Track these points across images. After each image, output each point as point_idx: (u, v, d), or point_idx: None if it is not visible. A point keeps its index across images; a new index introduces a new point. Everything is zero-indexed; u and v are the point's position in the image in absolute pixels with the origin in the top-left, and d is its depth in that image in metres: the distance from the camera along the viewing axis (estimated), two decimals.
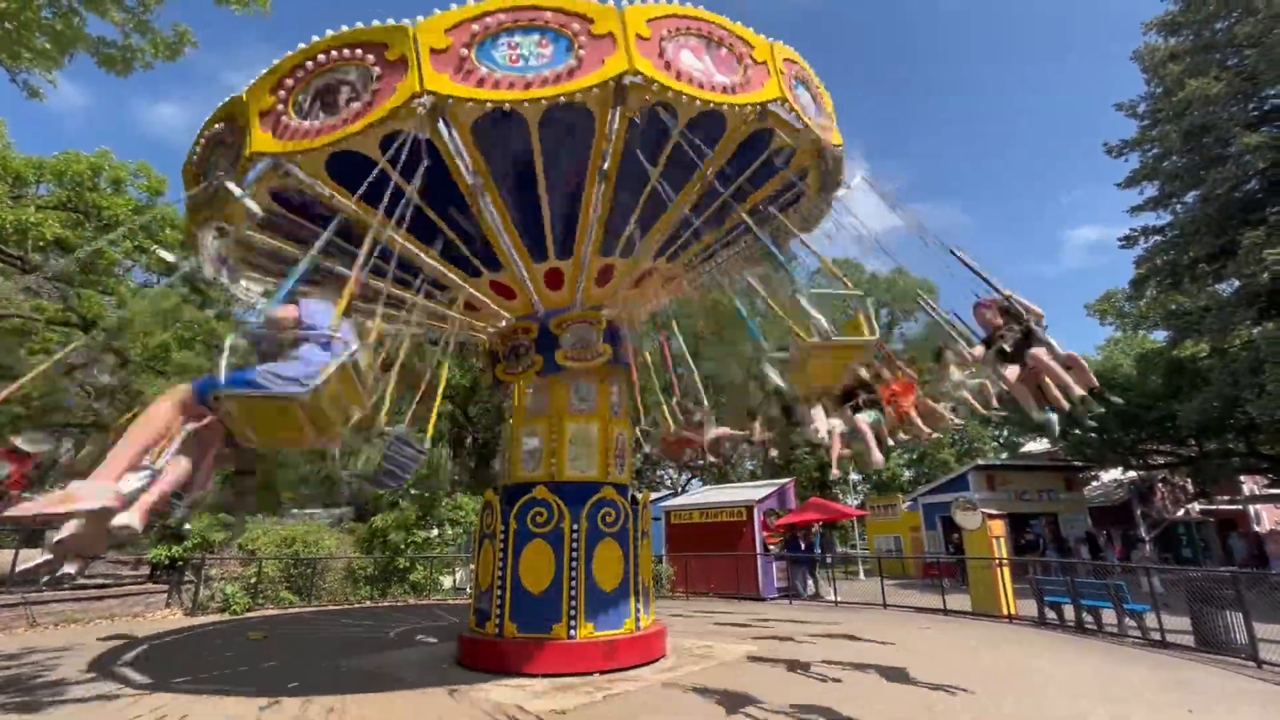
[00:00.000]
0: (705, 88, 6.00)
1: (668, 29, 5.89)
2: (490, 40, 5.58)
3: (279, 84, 5.79)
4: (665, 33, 5.86)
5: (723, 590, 16.16)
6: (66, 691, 6.75)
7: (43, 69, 6.43)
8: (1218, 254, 17.06)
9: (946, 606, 12.70)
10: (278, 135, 5.74)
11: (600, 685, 6.73)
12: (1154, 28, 19.06)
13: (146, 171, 16.43)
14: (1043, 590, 11.22)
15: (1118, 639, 9.45)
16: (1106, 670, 7.38)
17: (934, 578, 16.97)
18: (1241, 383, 15.42)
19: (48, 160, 15.14)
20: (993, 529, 12.87)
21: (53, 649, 9.28)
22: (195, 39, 6.62)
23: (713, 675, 7.21)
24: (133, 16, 6.12)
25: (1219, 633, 8.22)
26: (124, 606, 12.92)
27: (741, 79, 6.25)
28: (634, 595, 8.01)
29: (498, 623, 7.64)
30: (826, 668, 7.52)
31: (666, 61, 5.81)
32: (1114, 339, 29.59)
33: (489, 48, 5.58)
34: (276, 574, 14.86)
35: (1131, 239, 20.11)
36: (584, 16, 5.66)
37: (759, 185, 7.76)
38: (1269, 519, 24.72)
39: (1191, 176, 17.74)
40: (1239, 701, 6.08)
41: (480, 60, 5.55)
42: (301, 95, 5.78)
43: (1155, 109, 18.80)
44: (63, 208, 14.90)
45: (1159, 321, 20.27)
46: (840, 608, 14.04)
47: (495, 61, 5.57)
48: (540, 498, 7.93)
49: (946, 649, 8.82)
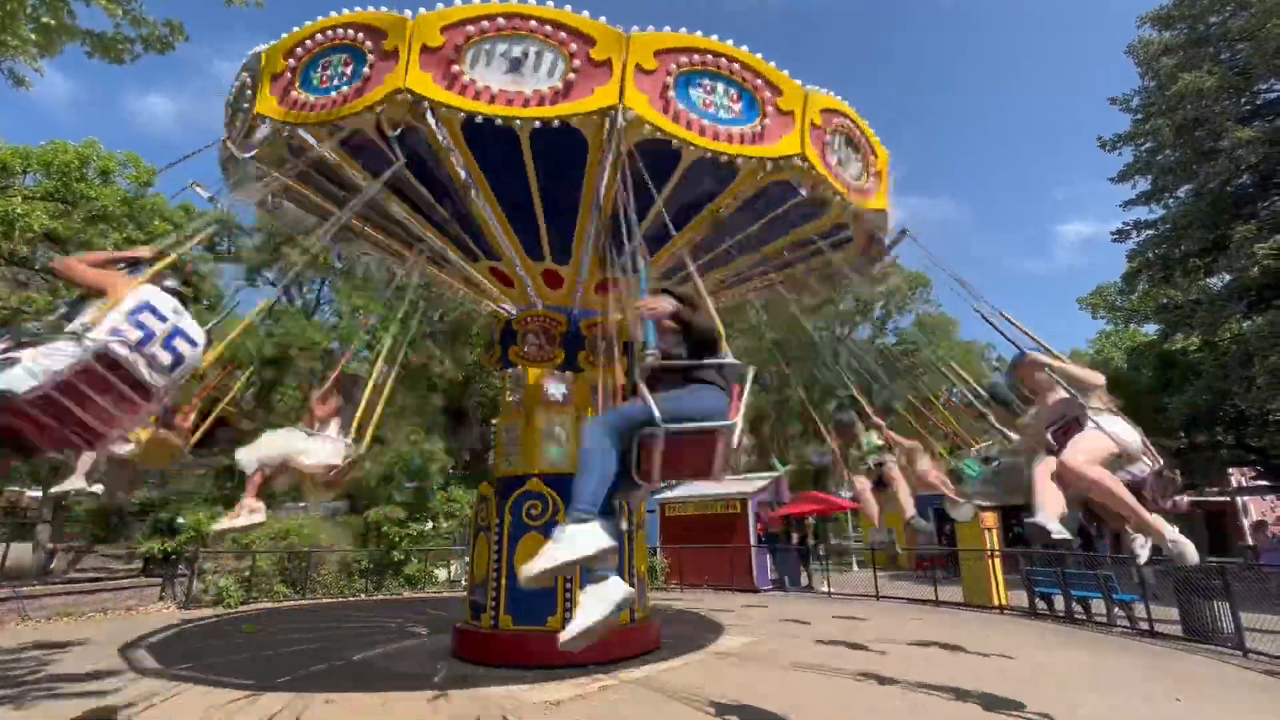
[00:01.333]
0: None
1: (677, 63, 5.42)
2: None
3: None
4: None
5: (717, 583, 16.25)
6: (62, 686, 6.72)
7: (28, 58, 6.33)
8: (1209, 248, 17.18)
9: (938, 598, 12.82)
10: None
11: (596, 677, 6.76)
12: (1148, 21, 19.09)
13: (135, 162, 16.20)
14: (1033, 581, 11.34)
15: (1106, 629, 9.58)
16: (1094, 659, 7.48)
17: (926, 569, 17.11)
18: (1231, 376, 15.58)
19: (34, 150, 14.92)
20: (984, 521, 12.99)
21: (47, 644, 9.24)
22: (186, 32, 6.53)
23: (706, 665, 7.27)
24: (121, 7, 6.02)
25: (1206, 622, 8.34)
26: (117, 600, 12.87)
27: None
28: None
29: (493, 615, 7.66)
30: (817, 657, 7.58)
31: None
32: (1105, 332, 29.84)
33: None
34: (270, 568, 14.83)
35: (1124, 233, 20.23)
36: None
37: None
38: (1257, 511, 25.02)
39: (1184, 171, 17.84)
40: (1224, 688, 6.19)
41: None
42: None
43: (1148, 103, 18.86)
44: (50, 198, 14.71)
45: (1150, 315, 20.42)
46: (833, 599, 14.15)
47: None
48: (535, 490, 7.94)
49: (937, 640, 8.91)
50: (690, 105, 5.51)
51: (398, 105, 5.38)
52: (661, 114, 5.36)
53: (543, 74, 5.26)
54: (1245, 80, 16.63)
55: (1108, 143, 20.23)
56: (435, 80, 5.31)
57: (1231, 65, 16.79)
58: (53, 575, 14.74)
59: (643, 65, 5.26)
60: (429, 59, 5.33)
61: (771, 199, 6.65)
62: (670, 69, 5.40)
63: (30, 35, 5.79)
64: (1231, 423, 18.03)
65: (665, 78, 5.38)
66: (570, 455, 8.27)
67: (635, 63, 5.24)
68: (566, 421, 8.42)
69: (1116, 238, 20.41)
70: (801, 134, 5.84)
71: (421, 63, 5.32)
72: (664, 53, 5.42)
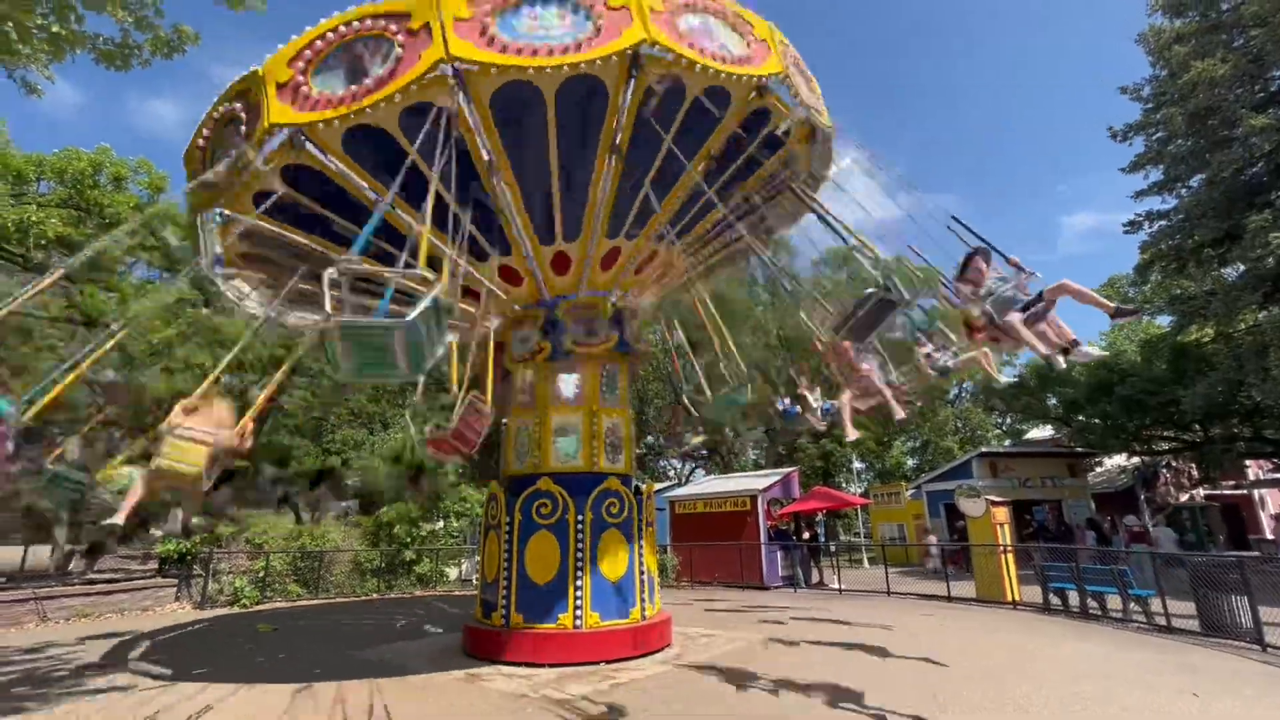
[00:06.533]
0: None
1: (678, 3, 6.13)
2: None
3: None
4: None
5: (727, 580, 16.24)
6: (85, 684, 6.83)
7: (39, 66, 6.41)
8: (1223, 238, 16.92)
9: (950, 594, 12.75)
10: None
11: (607, 675, 6.78)
12: (1159, 9, 18.81)
13: (147, 168, 16.41)
14: (1047, 576, 11.25)
15: (1122, 624, 9.49)
16: (1111, 655, 7.42)
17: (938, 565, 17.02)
18: (1246, 367, 15.36)
19: (48, 158, 15.12)
20: (996, 516, 12.90)
21: (66, 643, 9.38)
22: (196, 36, 6.58)
23: (718, 662, 7.26)
24: (132, 13, 6.08)
25: (1224, 617, 8.24)
26: (134, 601, 13.04)
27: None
28: (639, 585, 8.06)
29: (504, 613, 7.70)
30: (830, 653, 7.57)
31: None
32: (1118, 324, 29.49)
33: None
34: (284, 567, 14.97)
35: (1136, 224, 19.95)
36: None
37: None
38: (1274, 503, 24.68)
39: (1197, 160, 17.57)
40: (1243, 683, 6.11)
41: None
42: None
43: (1160, 92, 18.59)
44: (64, 205, 14.90)
45: (1164, 306, 20.15)
46: (844, 596, 14.11)
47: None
48: (545, 489, 7.96)
49: (948, 635, 8.87)
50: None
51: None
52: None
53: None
54: (1259, 67, 16.36)
55: (1119, 132, 19.99)
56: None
57: (1245, 52, 16.50)
58: (71, 576, 14.94)
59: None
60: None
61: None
62: (674, 8, 6.10)
63: (43, 44, 5.86)
64: (1248, 415, 17.77)
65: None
66: (580, 454, 8.31)
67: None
68: (577, 420, 8.45)
69: (1128, 229, 20.17)
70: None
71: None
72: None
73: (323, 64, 5.86)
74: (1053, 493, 22.79)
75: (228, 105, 6.32)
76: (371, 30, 5.76)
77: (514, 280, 8.57)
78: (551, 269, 8.42)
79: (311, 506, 24.32)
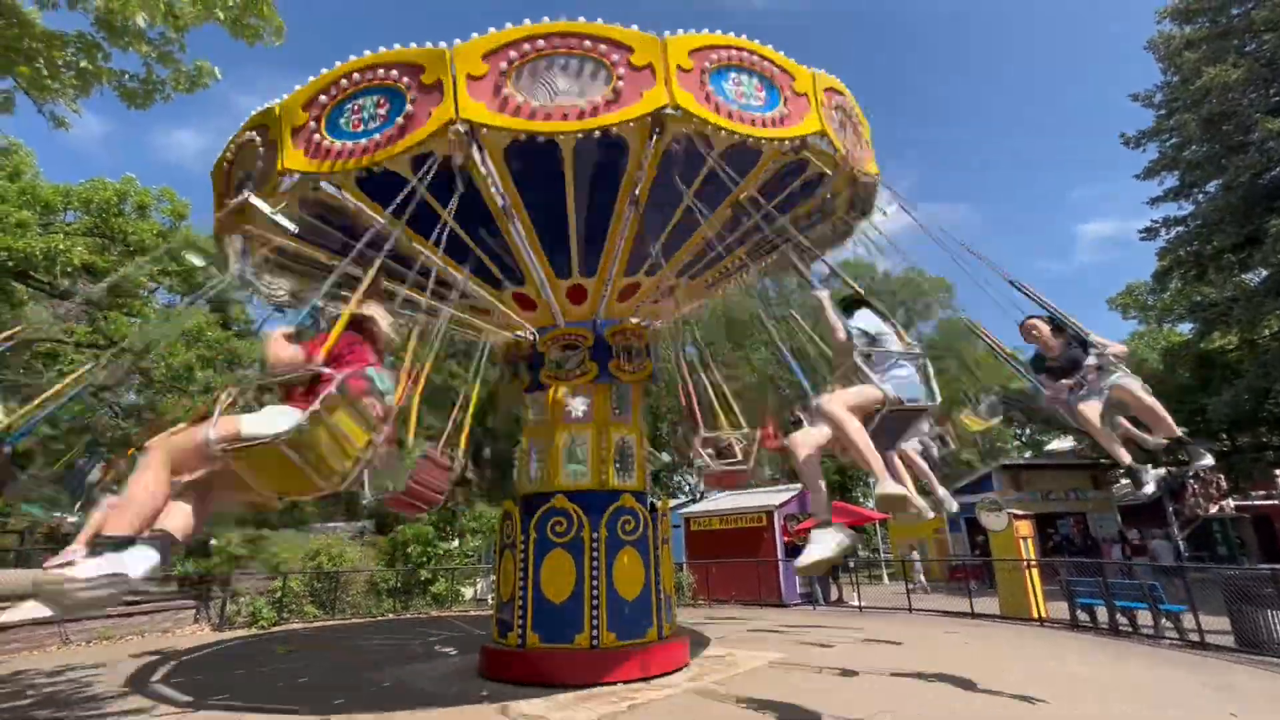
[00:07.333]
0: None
1: (709, 60, 5.82)
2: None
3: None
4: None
5: (744, 597, 16.01)
6: (105, 709, 6.85)
7: (67, 101, 6.63)
8: (1243, 243, 16.68)
9: (974, 610, 12.47)
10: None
11: (624, 695, 6.69)
12: (1168, 16, 18.80)
13: (170, 196, 16.83)
14: (1074, 592, 10.97)
15: (1154, 641, 9.21)
16: (1146, 674, 7.19)
17: (960, 580, 16.68)
18: (1273, 374, 15.04)
19: (75, 188, 15.58)
20: (1019, 530, 12.63)
21: (87, 666, 9.45)
22: (218, 73, 6.75)
23: (736, 683, 7.14)
24: (156, 49, 6.28)
25: (1260, 632, 7.97)
26: (153, 623, 13.13)
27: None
28: (655, 603, 7.97)
29: (520, 633, 7.64)
30: (851, 673, 7.41)
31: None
32: (1138, 333, 29.00)
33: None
34: (301, 588, 15.02)
35: (1152, 230, 19.74)
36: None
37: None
38: None
39: (1213, 165, 17.41)
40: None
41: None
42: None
43: (1172, 98, 18.50)
44: (89, 234, 15.31)
45: (1184, 314, 19.84)
46: (864, 613, 13.85)
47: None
48: (559, 507, 7.93)
49: (974, 654, 8.65)
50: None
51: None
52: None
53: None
54: (1272, 71, 16.23)
55: (1132, 139, 19.87)
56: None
57: (1257, 57, 16.41)
58: None
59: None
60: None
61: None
62: (704, 66, 5.80)
63: (71, 79, 6.07)
64: (1276, 422, 17.35)
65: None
66: (591, 472, 8.27)
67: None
68: (587, 438, 8.44)
69: (1145, 236, 19.94)
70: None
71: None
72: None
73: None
74: (1076, 506, 22.32)
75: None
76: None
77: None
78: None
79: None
